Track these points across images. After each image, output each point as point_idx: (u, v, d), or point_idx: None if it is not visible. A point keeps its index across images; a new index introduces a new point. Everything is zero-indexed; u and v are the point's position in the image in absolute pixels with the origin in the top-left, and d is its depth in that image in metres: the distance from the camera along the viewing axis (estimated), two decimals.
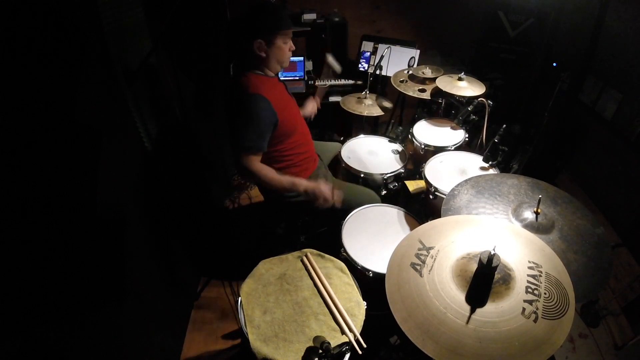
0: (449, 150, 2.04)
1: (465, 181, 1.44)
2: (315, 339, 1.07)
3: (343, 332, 1.14)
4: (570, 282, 0.96)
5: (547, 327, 0.87)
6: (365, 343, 1.12)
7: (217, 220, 2.68)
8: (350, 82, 3.09)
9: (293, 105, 1.77)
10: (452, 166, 1.89)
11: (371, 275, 1.42)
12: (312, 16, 2.94)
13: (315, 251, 1.41)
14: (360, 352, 1.10)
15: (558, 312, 0.89)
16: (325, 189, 1.56)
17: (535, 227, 1.20)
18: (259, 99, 1.49)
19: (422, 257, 1.05)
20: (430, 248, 1.07)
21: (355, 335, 1.14)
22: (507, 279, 0.96)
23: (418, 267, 1.03)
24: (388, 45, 2.63)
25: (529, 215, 1.23)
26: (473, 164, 1.89)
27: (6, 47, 0.88)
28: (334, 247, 1.52)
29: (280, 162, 1.68)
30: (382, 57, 2.44)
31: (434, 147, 2.07)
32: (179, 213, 1.93)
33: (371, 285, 1.34)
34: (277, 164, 1.67)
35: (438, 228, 1.14)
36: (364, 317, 1.19)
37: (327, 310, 1.20)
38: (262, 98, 1.49)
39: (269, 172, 1.57)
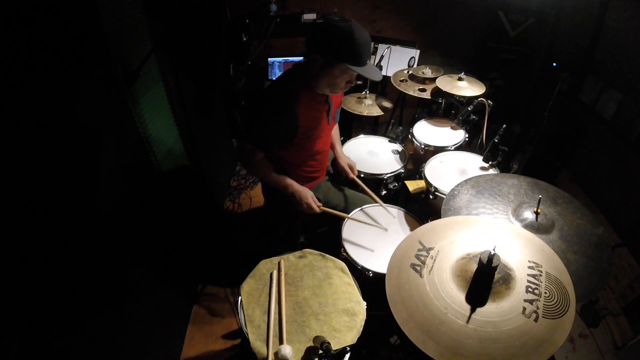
0: (449, 150, 2.04)
1: (465, 181, 1.44)
2: (315, 339, 1.07)
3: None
4: (571, 281, 0.96)
5: (548, 326, 0.87)
6: (364, 343, 1.12)
7: (217, 220, 2.67)
8: None
9: (325, 133, 1.67)
10: (452, 166, 1.89)
11: (371, 275, 1.41)
12: (312, 16, 2.93)
13: (315, 251, 1.41)
14: None
15: (559, 312, 0.89)
16: (309, 200, 1.60)
17: (535, 227, 1.20)
18: (288, 111, 1.44)
19: (422, 258, 1.05)
20: (430, 249, 1.07)
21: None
22: (507, 278, 0.96)
23: (418, 268, 1.03)
24: (388, 45, 2.63)
25: (529, 215, 1.23)
26: (473, 164, 1.89)
27: (6, 47, 0.88)
28: (334, 247, 1.52)
29: (287, 166, 1.66)
30: (382, 57, 2.44)
31: (434, 147, 2.07)
32: (179, 213, 1.92)
33: (371, 285, 1.34)
34: (283, 167, 1.65)
35: (438, 229, 1.14)
36: (364, 317, 1.19)
37: (328, 310, 1.20)
38: (292, 111, 1.44)
39: (266, 170, 1.59)
